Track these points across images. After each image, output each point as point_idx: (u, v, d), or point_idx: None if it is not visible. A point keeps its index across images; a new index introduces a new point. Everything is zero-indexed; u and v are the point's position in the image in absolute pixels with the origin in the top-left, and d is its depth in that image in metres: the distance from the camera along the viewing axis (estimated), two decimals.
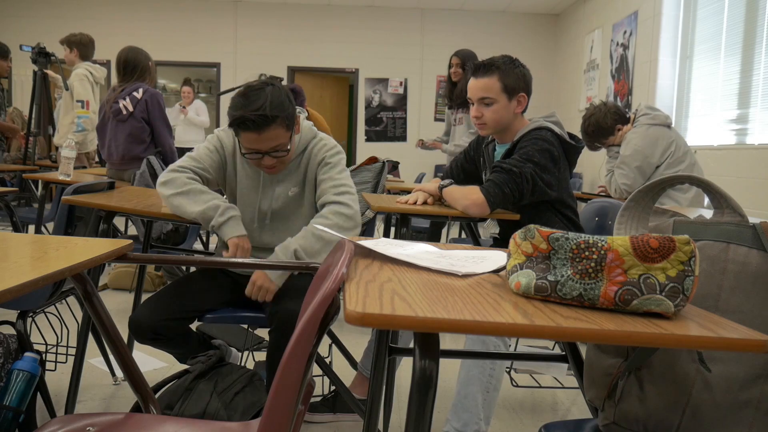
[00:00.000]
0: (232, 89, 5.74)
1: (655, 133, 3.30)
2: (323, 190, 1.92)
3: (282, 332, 1.72)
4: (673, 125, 3.42)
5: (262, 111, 1.71)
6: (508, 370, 2.38)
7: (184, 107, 7.52)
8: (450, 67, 4.35)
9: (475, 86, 2.09)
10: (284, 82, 8.74)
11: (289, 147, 1.84)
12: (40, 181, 3.81)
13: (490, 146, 2.28)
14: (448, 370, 2.78)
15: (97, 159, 4.67)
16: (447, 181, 2.21)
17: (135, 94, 3.49)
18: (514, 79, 2.05)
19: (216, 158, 1.97)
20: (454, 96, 4.35)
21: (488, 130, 2.16)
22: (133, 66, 3.56)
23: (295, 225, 1.96)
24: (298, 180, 1.97)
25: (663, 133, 3.31)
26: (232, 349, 2.24)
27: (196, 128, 7.52)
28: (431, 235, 4.17)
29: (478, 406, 1.76)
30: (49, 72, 4.88)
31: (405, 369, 2.64)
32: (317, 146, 1.97)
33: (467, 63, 4.18)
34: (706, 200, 3.27)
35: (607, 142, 3.54)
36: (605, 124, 3.46)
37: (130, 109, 3.47)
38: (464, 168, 2.45)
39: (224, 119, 9.24)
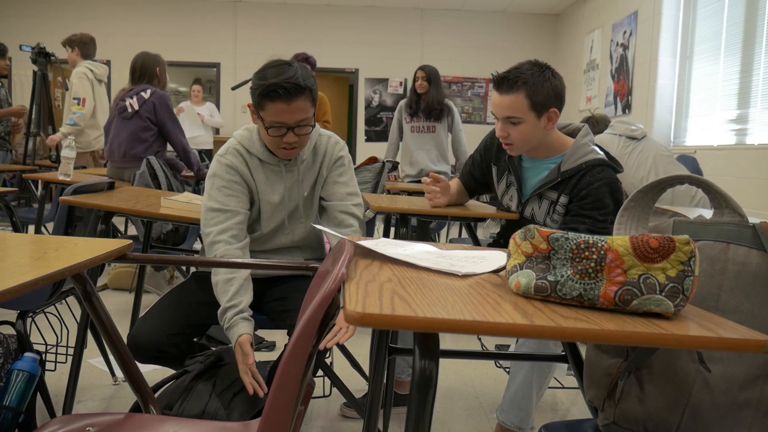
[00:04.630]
0: (246, 81, 5.71)
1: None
2: (341, 196, 1.92)
3: None
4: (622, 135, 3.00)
5: (294, 80, 1.71)
6: (507, 370, 2.38)
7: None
8: (416, 80, 4.48)
9: (500, 103, 1.88)
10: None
11: (313, 123, 1.81)
12: (40, 181, 3.82)
13: (515, 158, 2.08)
14: (448, 370, 2.78)
15: (105, 158, 4.68)
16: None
17: (143, 94, 3.59)
18: (544, 94, 1.83)
19: (238, 190, 1.82)
20: (422, 107, 4.46)
21: (516, 151, 1.98)
22: (141, 71, 3.67)
23: (307, 225, 1.96)
24: (312, 180, 1.94)
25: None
26: None
27: (199, 127, 7.49)
28: (420, 234, 4.12)
29: (532, 405, 1.90)
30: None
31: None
32: (328, 143, 1.95)
33: (433, 78, 4.40)
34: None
35: None
36: None
37: (136, 107, 3.54)
38: (473, 176, 2.27)
39: (229, 118, 9.26)
